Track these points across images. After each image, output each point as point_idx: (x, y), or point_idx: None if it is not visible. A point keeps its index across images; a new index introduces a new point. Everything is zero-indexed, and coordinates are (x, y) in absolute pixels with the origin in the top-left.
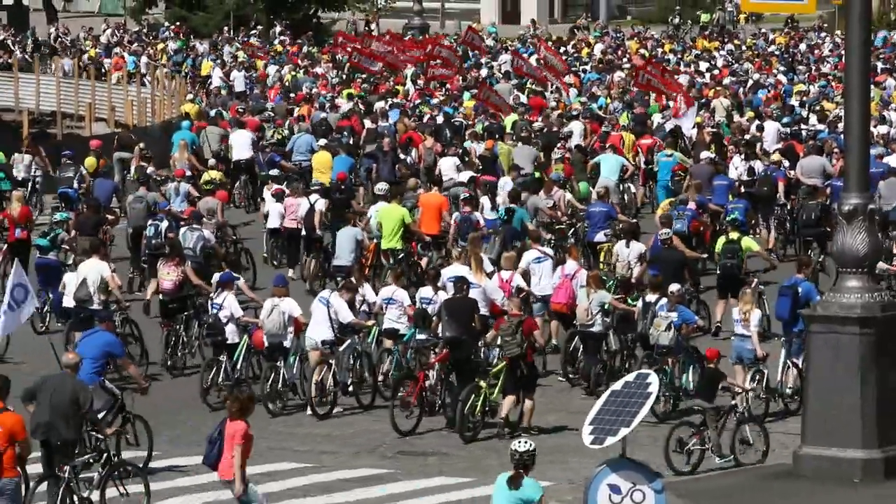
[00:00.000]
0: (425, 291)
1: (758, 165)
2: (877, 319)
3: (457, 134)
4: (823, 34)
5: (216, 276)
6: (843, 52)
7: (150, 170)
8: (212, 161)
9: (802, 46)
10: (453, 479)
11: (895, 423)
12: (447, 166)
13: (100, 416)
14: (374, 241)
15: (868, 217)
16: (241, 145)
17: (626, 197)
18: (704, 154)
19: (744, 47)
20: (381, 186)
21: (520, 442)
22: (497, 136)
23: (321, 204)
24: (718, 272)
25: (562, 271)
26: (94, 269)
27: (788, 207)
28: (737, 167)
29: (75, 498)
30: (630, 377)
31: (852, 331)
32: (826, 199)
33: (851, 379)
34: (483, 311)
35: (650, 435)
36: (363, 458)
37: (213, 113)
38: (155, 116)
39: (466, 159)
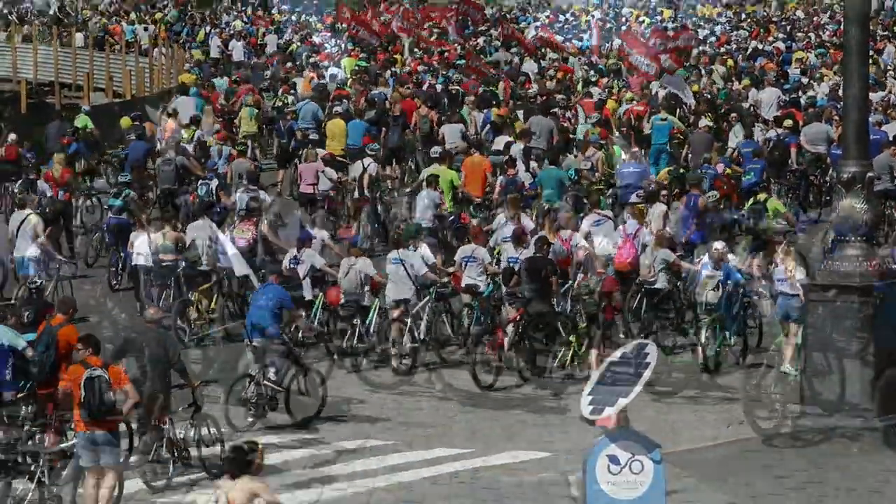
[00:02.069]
0: (511, 251)
1: (756, 132)
2: (875, 287)
3: (454, 101)
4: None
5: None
6: (841, 20)
7: (197, 133)
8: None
9: (800, 13)
10: (454, 450)
11: (893, 391)
12: (451, 132)
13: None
14: None
15: (867, 185)
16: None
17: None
18: (703, 122)
19: (743, 14)
20: (436, 149)
21: None
22: (493, 103)
23: (373, 167)
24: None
25: (623, 231)
26: (202, 231)
27: (798, 173)
28: (737, 135)
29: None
30: (628, 347)
31: (851, 298)
32: None
33: (849, 346)
34: None
35: (649, 405)
36: (363, 429)
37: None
38: (153, 86)
39: (466, 127)
